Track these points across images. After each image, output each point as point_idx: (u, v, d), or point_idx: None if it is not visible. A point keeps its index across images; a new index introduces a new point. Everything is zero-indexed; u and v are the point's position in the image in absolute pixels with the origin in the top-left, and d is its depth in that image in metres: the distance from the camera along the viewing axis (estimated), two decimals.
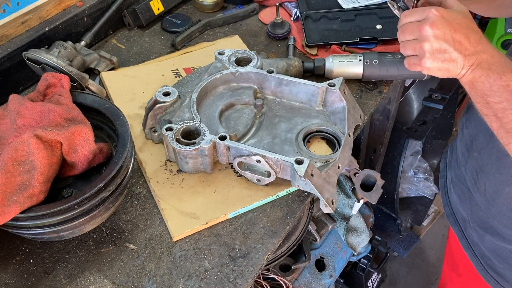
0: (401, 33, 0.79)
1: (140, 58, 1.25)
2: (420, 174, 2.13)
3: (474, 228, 1.07)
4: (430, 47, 0.74)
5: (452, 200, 1.18)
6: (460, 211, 1.14)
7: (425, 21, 0.74)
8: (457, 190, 1.14)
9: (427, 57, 0.75)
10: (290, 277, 1.41)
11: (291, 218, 0.92)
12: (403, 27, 0.79)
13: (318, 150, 1.01)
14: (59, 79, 0.90)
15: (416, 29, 0.76)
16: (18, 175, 0.75)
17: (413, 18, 0.77)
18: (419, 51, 0.76)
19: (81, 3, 1.21)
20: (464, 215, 1.12)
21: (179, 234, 0.88)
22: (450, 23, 0.73)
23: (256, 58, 1.07)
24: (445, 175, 1.23)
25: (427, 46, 0.74)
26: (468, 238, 1.12)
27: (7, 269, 0.84)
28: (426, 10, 0.75)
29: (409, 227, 2.25)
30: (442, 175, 1.25)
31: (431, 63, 0.75)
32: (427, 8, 0.76)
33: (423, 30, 0.74)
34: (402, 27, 0.79)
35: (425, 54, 0.75)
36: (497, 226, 0.99)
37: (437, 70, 0.76)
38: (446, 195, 1.21)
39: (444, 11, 0.75)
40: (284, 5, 1.39)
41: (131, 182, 0.97)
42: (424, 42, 0.75)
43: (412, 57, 0.79)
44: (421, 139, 1.76)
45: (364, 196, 1.06)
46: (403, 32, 0.78)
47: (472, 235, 1.09)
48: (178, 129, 0.93)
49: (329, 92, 1.02)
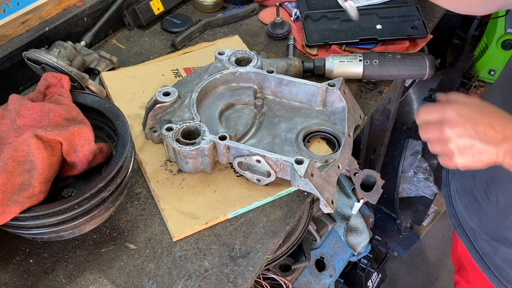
0: (424, 132, 0.79)
1: (140, 58, 1.25)
2: (420, 174, 2.14)
3: (486, 239, 1.05)
4: (455, 146, 0.74)
5: (459, 211, 1.16)
6: (468, 222, 1.12)
7: (444, 122, 0.74)
8: (464, 201, 1.12)
9: (457, 155, 0.74)
10: (290, 277, 1.41)
11: (291, 218, 0.92)
12: (424, 127, 0.78)
13: (318, 150, 1.01)
14: (59, 79, 0.90)
15: (437, 131, 0.75)
16: (18, 175, 0.75)
17: (431, 117, 0.77)
18: (447, 151, 0.76)
19: (81, 3, 1.21)
20: (473, 226, 1.10)
21: (179, 234, 0.88)
22: (469, 118, 0.73)
23: (256, 58, 1.07)
24: (449, 184, 1.21)
25: (452, 145, 0.74)
26: (479, 250, 1.10)
27: (7, 269, 0.84)
28: (442, 109, 0.75)
29: (409, 227, 2.25)
30: (445, 184, 1.23)
31: (462, 160, 0.75)
32: (442, 106, 0.75)
33: (444, 132, 0.74)
34: (423, 127, 0.78)
35: (454, 153, 0.75)
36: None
37: (471, 164, 0.75)
38: (451, 206, 1.19)
39: (459, 107, 0.74)
40: (284, 5, 1.39)
41: (131, 182, 0.97)
42: (448, 142, 0.74)
43: (443, 156, 0.78)
44: (421, 139, 1.76)
45: (364, 196, 1.06)
46: (426, 132, 0.78)
47: (483, 247, 1.07)
48: (178, 129, 0.93)
49: (329, 92, 1.02)
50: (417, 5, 1.28)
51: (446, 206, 1.23)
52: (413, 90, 2.01)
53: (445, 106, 0.75)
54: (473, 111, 0.74)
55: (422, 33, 1.23)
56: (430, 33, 1.24)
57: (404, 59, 1.13)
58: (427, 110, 0.78)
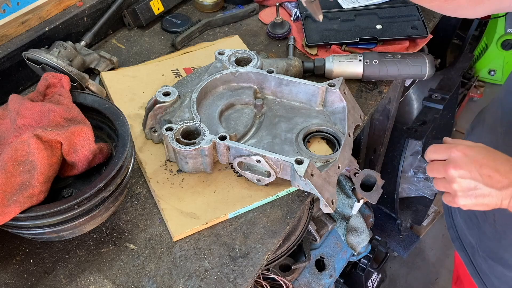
0: (430, 170, 0.79)
1: (140, 58, 1.25)
2: (420, 174, 2.13)
3: (484, 257, 1.05)
4: (459, 187, 0.74)
5: (458, 224, 1.15)
6: (467, 236, 1.11)
7: (449, 162, 0.75)
8: (464, 215, 1.11)
9: (460, 196, 0.75)
10: (290, 277, 1.41)
11: (291, 218, 0.92)
12: (430, 165, 0.79)
13: (318, 150, 1.01)
14: (59, 79, 0.90)
15: (442, 170, 0.76)
16: (18, 175, 0.75)
17: (437, 156, 0.78)
18: (450, 190, 0.76)
19: (81, 3, 1.21)
20: (472, 242, 1.09)
21: (179, 234, 0.88)
22: (474, 160, 0.73)
23: (256, 58, 1.07)
24: None
25: (456, 186, 0.74)
26: (476, 267, 1.09)
27: (7, 269, 0.84)
28: (449, 149, 0.76)
29: (409, 227, 2.25)
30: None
31: (464, 201, 0.75)
32: (449, 146, 0.76)
33: (448, 172, 0.74)
34: (430, 165, 0.79)
35: (457, 193, 0.75)
36: (509, 258, 0.97)
37: (474, 206, 0.75)
38: (450, 217, 1.18)
39: (465, 148, 0.75)
40: (284, 5, 1.39)
41: (131, 182, 0.97)
42: (452, 183, 0.75)
43: (446, 195, 0.78)
44: (421, 139, 1.76)
45: (364, 196, 1.06)
46: (431, 171, 0.79)
47: (481, 264, 1.06)
48: (178, 129, 0.93)
49: (329, 92, 1.02)
50: (417, 5, 1.28)
51: (445, 217, 1.21)
52: (413, 90, 2.01)
53: (452, 146, 0.76)
54: (478, 154, 0.74)
55: (422, 33, 1.23)
56: (430, 33, 1.24)
57: (404, 59, 1.13)
58: (435, 149, 0.78)
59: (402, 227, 2.19)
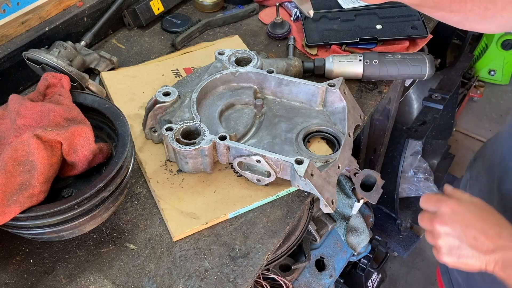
0: (420, 220, 0.78)
1: (140, 58, 1.25)
2: (420, 174, 2.14)
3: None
4: (444, 243, 0.73)
5: None
6: (455, 274, 1.09)
7: (436, 216, 0.73)
8: None
9: (443, 253, 0.73)
10: (290, 277, 1.41)
11: (291, 218, 0.92)
12: (421, 214, 0.77)
13: (318, 150, 1.01)
14: (59, 79, 0.90)
15: (429, 223, 0.74)
16: (18, 175, 0.75)
17: (428, 207, 0.76)
18: (435, 245, 0.75)
19: (81, 3, 1.21)
20: (460, 281, 1.07)
21: (179, 234, 0.88)
22: (462, 218, 0.71)
23: (256, 58, 1.07)
24: None
25: (441, 242, 0.73)
26: None
27: (7, 269, 0.84)
28: (439, 202, 0.74)
29: (409, 227, 2.25)
30: None
31: (447, 258, 0.73)
32: (440, 199, 0.74)
33: (434, 226, 0.73)
34: (420, 215, 0.78)
35: (441, 250, 0.74)
36: None
37: (457, 265, 0.73)
38: None
39: (456, 204, 0.73)
40: (284, 5, 1.39)
41: (131, 182, 0.97)
42: (437, 238, 0.73)
43: (434, 248, 0.77)
44: (421, 139, 1.76)
45: (364, 196, 1.06)
46: (421, 221, 0.77)
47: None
48: (178, 129, 0.93)
49: (329, 92, 1.02)
50: None
51: None
52: (413, 90, 2.01)
53: (443, 200, 0.74)
54: (468, 212, 0.71)
55: (422, 33, 1.23)
56: (430, 33, 1.24)
57: (404, 59, 1.13)
58: (427, 198, 0.77)
59: (402, 227, 2.19)
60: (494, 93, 2.93)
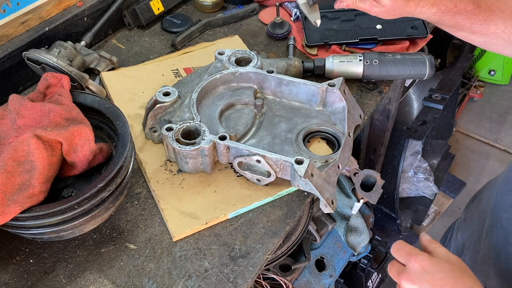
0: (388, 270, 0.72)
1: (140, 58, 1.25)
2: (420, 174, 2.14)
3: None
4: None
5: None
6: None
7: (404, 272, 0.68)
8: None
9: None
10: (290, 277, 1.41)
11: (291, 218, 0.92)
12: (390, 264, 0.72)
13: (318, 150, 1.01)
14: (59, 79, 0.90)
15: (396, 276, 0.69)
16: (18, 175, 0.75)
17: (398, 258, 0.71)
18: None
19: (81, 3, 1.21)
20: None
21: (179, 234, 0.88)
22: (430, 278, 0.65)
23: (256, 58, 1.07)
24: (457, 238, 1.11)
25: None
26: None
27: (7, 269, 0.84)
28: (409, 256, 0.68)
29: (409, 227, 2.25)
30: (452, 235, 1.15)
31: None
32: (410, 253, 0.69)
33: (401, 282, 0.68)
34: (390, 264, 0.72)
35: None
36: None
37: None
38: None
39: (427, 261, 0.67)
40: (284, 5, 1.38)
41: (131, 182, 0.97)
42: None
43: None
44: (421, 139, 1.77)
45: (364, 196, 1.06)
46: (389, 271, 0.71)
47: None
48: (178, 129, 0.93)
49: (329, 92, 1.02)
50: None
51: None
52: (413, 90, 2.01)
53: (413, 254, 0.68)
54: (439, 272, 0.66)
55: (422, 33, 1.23)
56: (430, 33, 1.24)
57: (404, 59, 1.13)
58: (398, 248, 0.71)
59: (402, 227, 2.19)
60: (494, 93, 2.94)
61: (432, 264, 0.67)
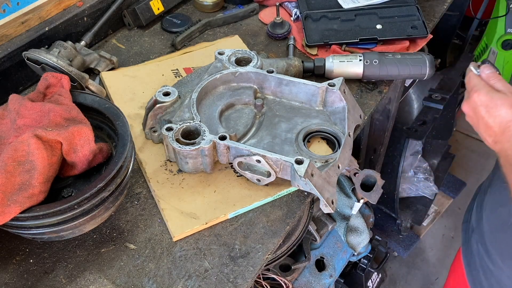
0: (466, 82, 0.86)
1: (140, 58, 1.25)
2: (420, 174, 2.14)
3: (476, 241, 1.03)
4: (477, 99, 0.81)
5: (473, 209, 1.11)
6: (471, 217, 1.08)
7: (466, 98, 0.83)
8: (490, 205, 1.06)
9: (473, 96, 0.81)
10: (290, 277, 1.41)
11: (291, 218, 0.92)
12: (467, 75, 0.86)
13: (318, 150, 1.01)
14: (59, 79, 0.90)
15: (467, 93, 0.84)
16: (18, 175, 0.75)
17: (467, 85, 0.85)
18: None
19: (81, 3, 1.21)
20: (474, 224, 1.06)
21: (179, 234, 0.88)
22: (476, 117, 0.80)
23: (256, 58, 1.07)
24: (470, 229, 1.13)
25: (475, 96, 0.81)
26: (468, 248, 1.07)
27: (7, 269, 0.84)
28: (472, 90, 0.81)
29: (409, 227, 2.25)
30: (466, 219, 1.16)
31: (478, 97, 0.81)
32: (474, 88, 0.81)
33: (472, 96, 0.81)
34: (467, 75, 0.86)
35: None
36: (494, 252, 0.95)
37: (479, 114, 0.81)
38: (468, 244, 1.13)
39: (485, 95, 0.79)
40: (284, 5, 1.39)
41: (131, 182, 0.97)
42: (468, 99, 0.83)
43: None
44: (421, 139, 1.77)
45: (364, 196, 1.06)
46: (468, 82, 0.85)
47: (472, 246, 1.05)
48: (178, 129, 0.93)
49: (329, 92, 1.02)
50: (417, 5, 1.28)
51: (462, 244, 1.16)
52: (413, 90, 2.01)
53: (474, 91, 0.81)
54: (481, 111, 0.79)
55: (422, 33, 1.23)
56: (430, 33, 1.24)
57: (404, 59, 1.13)
58: (469, 79, 0.84)
59: (402, 227, 2.19)
60: None
61: (489, 99, 0.79)
